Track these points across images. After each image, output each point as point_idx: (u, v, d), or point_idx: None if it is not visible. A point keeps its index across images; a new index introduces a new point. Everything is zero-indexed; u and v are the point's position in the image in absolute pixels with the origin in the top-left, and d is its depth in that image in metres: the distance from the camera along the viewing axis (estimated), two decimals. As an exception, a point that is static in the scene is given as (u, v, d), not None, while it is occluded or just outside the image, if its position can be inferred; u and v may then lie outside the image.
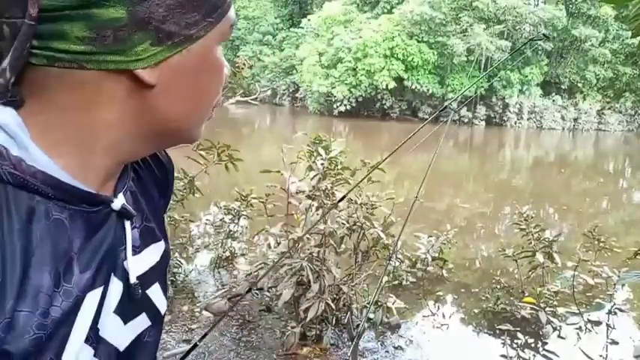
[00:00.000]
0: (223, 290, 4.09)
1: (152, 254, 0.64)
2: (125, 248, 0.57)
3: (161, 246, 0.66)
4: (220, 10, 0.52)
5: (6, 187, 0.45)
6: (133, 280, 0.57)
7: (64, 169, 0.48)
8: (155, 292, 0.64)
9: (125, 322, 0.59)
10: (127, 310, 0.58)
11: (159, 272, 0.65)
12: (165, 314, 0.69)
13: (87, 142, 0.50)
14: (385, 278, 3.91)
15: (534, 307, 3.96)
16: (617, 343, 3.72)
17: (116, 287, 0.56)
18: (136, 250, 0.60)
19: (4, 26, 0.44)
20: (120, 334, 0.58)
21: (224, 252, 4.70)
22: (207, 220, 5.99)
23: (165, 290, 0.68)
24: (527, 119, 30.58)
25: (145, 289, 0.62)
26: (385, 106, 29.29)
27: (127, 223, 0.57)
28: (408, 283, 4.47)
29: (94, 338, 0.53)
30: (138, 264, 0.60)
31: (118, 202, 0.55)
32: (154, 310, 0.64)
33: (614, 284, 3.94)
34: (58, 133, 0.48)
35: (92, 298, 0.52)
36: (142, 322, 0.62)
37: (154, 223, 0.65)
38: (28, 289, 0.45)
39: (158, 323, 0.66)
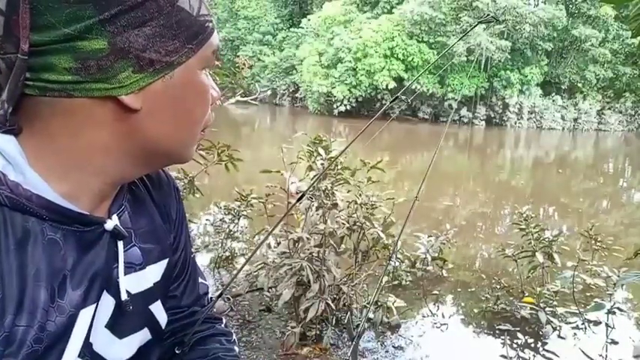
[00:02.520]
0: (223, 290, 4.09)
1: (155, 272, 0.67)
2: (118, 267, 0.59)
3: (161, 267, 0.69)
4: (201, 37, 0.55)
5: (3, 209, 0.48)
6: (123, 297, 0.59)
7: (58, 192, 0.51)
8: (158, 308, 0.68)
9: (121, 337, 0.61)
10: (123, 325, 0.61)
11: (162, 289, 0.69)
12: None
13: (79, 166, 0.53)
14: (385, 278, 3.91)
15: (534, 307, 3.97)
16: (616, 342, 3.72)
17: (108, 303, 0.59)
18: (136, 268, 0.63)
19: (0, 61, 0.48)
20: (115, 348, 0.60)
21: (224, 252, 4.70)
22: (207, 220, 5.99)
23: (166, 307, 0.71)
24: (527, 119, 30.57)
25: (147, 305, 0.65)
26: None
27: (120, 243, 0.59)
28: (408, 283, 4.47)
29: (87, 353, 0.56)
30: (138, 281, 0.63)
31: (111, 223, 0.58)
32: (156, 325, 0.67)
33: (614, 284, 3.93)
34: (52, 158, 0.51)
35: (86, 314, 0.55)
36: (142, 336, 0.65)
37: (154, 243, 0.67)
38: (25, 304, 0.48)
39: (160, 338, 0.69)
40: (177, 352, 0.79)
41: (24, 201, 0.49)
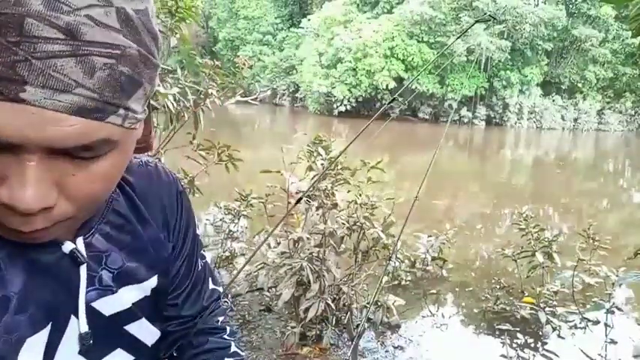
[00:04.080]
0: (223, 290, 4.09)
1: (134, 293, 0.64)
2: (87, 291, 0.57)
3: (148, 285, 0.66)
4: None
5: None
6: (83, 328, 0.57)
7: None
8: (139, 327, 0.65)
9: None
10: (95, 348, 0.58)
11: (146, 308, 0.66)
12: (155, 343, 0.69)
13: None
14: (385, 278, 3.91)
15: (534, 307, 3.97)
16: (616, 342, 3.73)
17: (75, 328, 0.56)
18: (108, 291, 0.60)
19: None
20: None
21: (224, 252, 4.70)
22: (207, 220, 6.00)
23: (160, 322, 0.69)
24: (527, 119, 30.59)
25: (122, 325, 0.63)
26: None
27: (83, 268, 0.57)
28: (408, 283, 4.47)
29: None
30: (111, 304, 0.60)
31: (69, 246, 0.55)
32: (135, 344, 0.65)
33: (612, 283, 3.94)
34: None
35: (34, 342, 0.52)
36: (118, 357, 0.63)
37: (139, 260, 0.65)
38: None
39: (144, 355, 0.67)
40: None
41: None
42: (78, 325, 0.56)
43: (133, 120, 0.47)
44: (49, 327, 0.54)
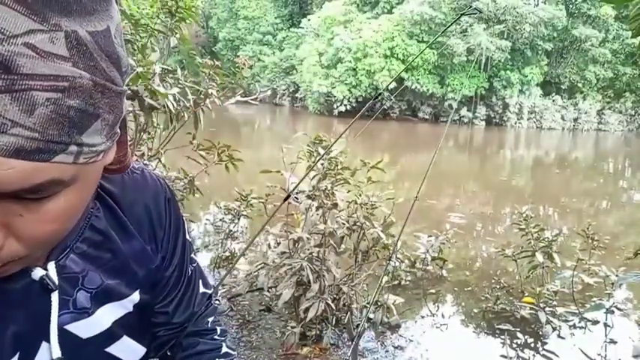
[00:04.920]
0: (223, 290, 4.10)
1: (113, 311, 0.62)
2: (60, 314, 0.55)
3: (130, 301, 0.64)
4: None
5: None
6: (55, 354, 0.55)
7: None
8: (121, 347, 0.63)
9: None
10: None
11: (128, 325, 0.64)
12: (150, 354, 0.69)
13: None
14: (385, 278, 3.91)
15: (534, 306, 3.97)
16: (615, 342, 3.73)
17: (45, 354, 0.55)
18: (84, 314, 0.58)
19: None
20: None
21: (224, 252, 4.70)
22: (207, 220, 6.00)
23: (144, 336, 0.68)
24: (527, 119, 30.59)
25: (103, 348, 0.61)
26: (385, 106, 29.29)
27: (54, 295, 0.55)
28: (408, 283, 4.48)
29: None
30: (88, 326, 0.58)
31: (38, 272, 0.53)
32: None
33: (612, 283, 3.94)
34: None
35: None
36: None
37: (120, 277, 0.62)
38: None
39: None
40: (168, 354, 0.78)
41: None
42: (49, 350, 0.54)
43: (90, 155, 0.42)
44: (16, 357, 0.52)
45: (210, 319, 0.83)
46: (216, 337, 0.83)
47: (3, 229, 0.41)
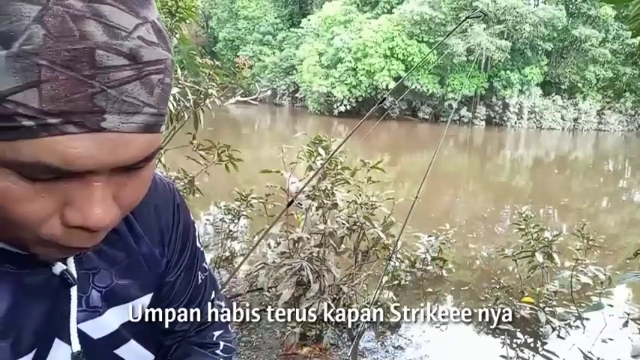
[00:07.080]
0: (223, 290, 4.10)
1: (120, 314, 0.61)
2: (71, 314, 0.56)
3: (139, 303, 0.64)
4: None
5: None
6: (75, 348, 0.56)
7: None
8: (129, 350, 0.63)
9: None
10: None
11: (136, 328, 0.63)
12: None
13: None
14: (385, 278, 3.91)
15: (533, 306, 3.97)
16: (615, 342, 3.73)
17: (63, 352, 0.55)
18: (96, 313, 0.58)
19: None
20: None
21: (224, 252, 4.70)
22: (207, 220, 6.00)
23: (152, 342, 0.67)
24: (527, 119, 30.57)
25: (112, 349, 0.61)
26: (385, 106, 29.23)
27: (74, 289, 0.55)
28: (408, 283, 4.48)
29: None
30: (98, 327, 0.59)
31: (59, 267, 0.54)
32: None
33: (610, 282, 3.94)
34: None
35: None
36: None
37: (132, 277, 0.63)
38: None
39: None
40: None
41: None
42: (62, 348, 0.55)
43: (164, 123, 0.49)
44: (33, 353, 0.52)
45: (217, 333, 0.80)
46: (217, 352, 0.80)
47: (114, 200, 0.46)
